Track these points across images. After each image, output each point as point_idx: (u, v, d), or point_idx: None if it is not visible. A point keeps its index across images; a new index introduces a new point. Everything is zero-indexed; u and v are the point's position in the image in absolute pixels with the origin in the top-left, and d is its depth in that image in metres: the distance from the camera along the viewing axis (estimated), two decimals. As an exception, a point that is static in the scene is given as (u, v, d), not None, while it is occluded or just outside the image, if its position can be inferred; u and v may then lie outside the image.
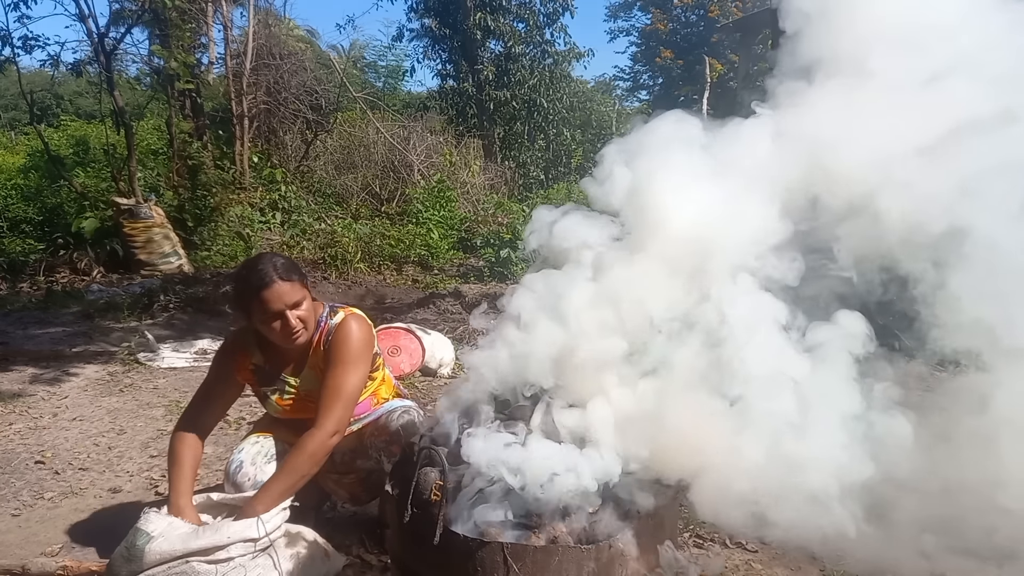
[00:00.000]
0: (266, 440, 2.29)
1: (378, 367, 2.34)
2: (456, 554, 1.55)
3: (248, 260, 2.19)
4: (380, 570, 2.31)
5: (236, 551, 1.91)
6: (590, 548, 1.53)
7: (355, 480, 2.36)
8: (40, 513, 2.78)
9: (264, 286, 2.00)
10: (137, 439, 3.57)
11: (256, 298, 2.01)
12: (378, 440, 2.31)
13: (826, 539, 1.63)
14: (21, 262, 8.09)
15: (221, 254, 8.39)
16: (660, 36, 28.91)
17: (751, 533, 1.79)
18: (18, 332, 5.70)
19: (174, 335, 5.65)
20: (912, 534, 1.69)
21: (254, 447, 2.26)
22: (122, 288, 7.21)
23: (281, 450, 2.25)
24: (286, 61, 11.11)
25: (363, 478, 2.37)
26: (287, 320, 2.04)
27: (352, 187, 11.53)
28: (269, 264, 2.03)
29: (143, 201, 8.21)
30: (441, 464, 1.68)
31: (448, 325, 5.85)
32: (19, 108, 20.10)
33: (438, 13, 14.57)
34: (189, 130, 9.64)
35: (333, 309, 2.23)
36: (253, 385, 2.30)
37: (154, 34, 9.74)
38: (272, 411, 2.30)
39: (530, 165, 14.76)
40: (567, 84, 15.46)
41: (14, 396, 4.16)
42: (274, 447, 2.27)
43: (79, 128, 13.07)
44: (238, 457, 2.23)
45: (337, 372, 2.08)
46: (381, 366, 2.38)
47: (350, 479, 2.37)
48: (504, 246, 8.21)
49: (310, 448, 2.02)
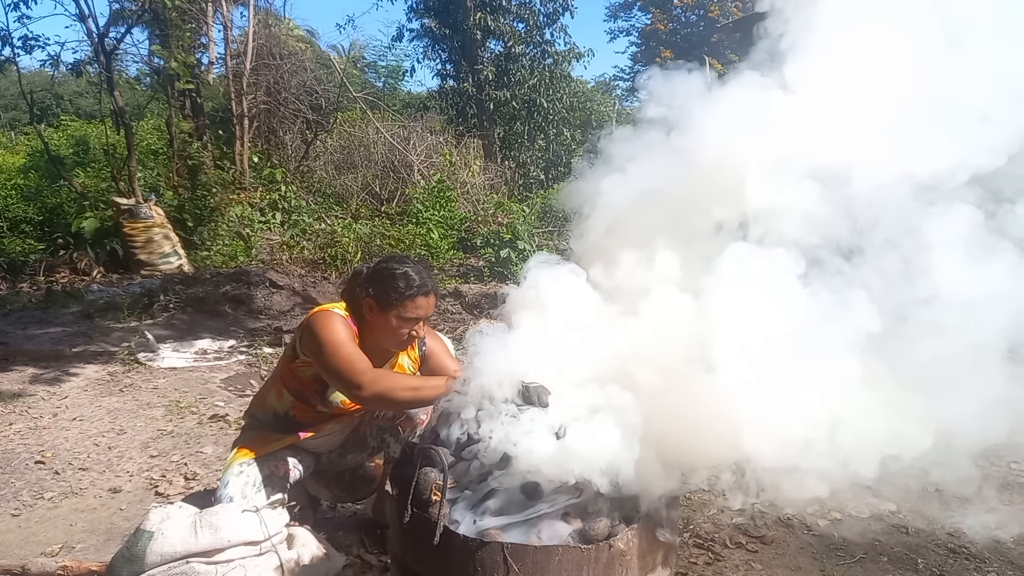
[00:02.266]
0: (249, 467, 2.16)
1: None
2: (456, 554, 1.55)
3: (402, 257, 2.23)
4: (380, 570, 2.32)
5: (236, 552, 1.92)
6: (590, 548, 1.53)
7: (335, 480, 2.44)
8: (40, 513, 2.78)
9: (425, 293, 2.09)
10: (137, 439, 3.57)
11: (412, 300, 2.07)
12: (383, 420, 2.33)
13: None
14: (21, 262, 8.08)
15: (221, 254, 8.39)
16: (660, 36, 28.93)
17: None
18: (18, 332, 5.70)
19: (174, 335, 5.66)
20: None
21: (240, 479, 2.14)
22: (122, 288, 7.21)
23: (267, 474, 2.16)
24: (286, 61, 11.10)
25: (345, 479, 2.44)
26: (418, 330, 2.13)
27: (352, 187, 11.52)
28: (427, 272, 2.14)
29: (143, 201, 8.21)
30: (441, 464, 1.67)
31: (448, 325, 5.86)
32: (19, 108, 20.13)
33: (438, 13, 14.56)
34: (189, 130, 9.63)
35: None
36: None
37: (154, 34, 9.74)
38: (334, 401, 2.23)
39: (530, 165, 14.76)
40: (567, 84, 15.45)
41: (14, 396, 4.16)
42: (259, 473, 2.16)
43: (79, 128, 13.07)
44: (226, 493, 2.10)
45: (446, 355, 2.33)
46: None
47: (330, 478, 2.44)
48: (504, 246, 8.21)
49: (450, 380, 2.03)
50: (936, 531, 2.58)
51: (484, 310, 6.34)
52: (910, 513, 2.72)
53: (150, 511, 2.00)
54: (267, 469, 2.17)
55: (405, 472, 1.76)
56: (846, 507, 2.71)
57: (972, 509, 2.74)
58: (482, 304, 6.50)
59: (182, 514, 1.98)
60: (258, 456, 2.19)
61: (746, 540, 2.53)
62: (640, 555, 1.59)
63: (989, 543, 2.50)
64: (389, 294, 2.07)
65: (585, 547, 1.53)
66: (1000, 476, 2.98)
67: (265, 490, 2.14)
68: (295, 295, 6.94)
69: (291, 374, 2.22)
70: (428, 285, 2.11)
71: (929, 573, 2.34)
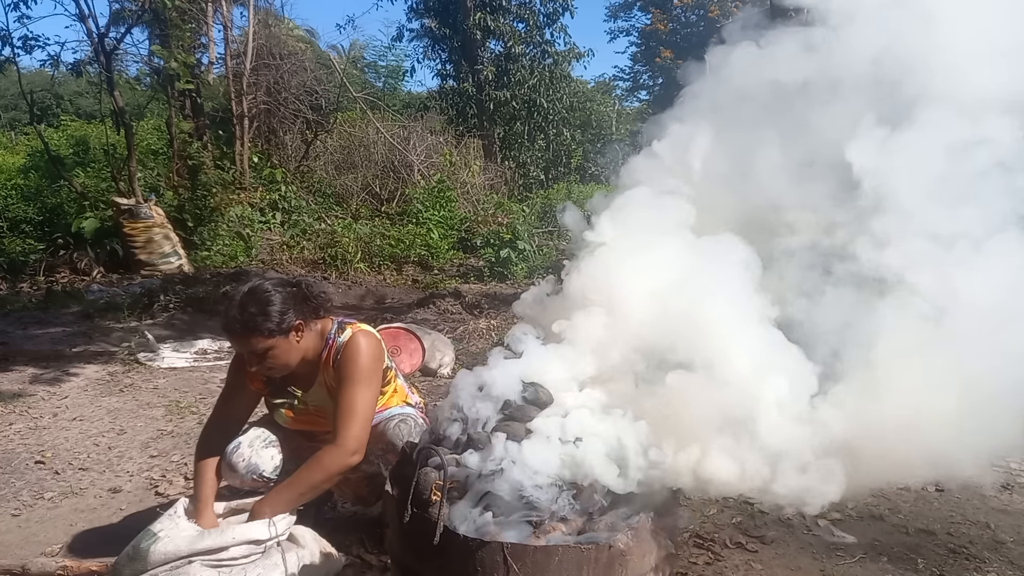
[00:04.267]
0: (262, 430, 2.33)
1: (389, 380, 2.33)
2: (456, 554, 1.55)
3: (243, 286, 2.08)
4: (380, 570, 2.31)
5: (239, 551, 1.93)
6: (590, 548, 1.53)
7: (361, 479, 2.36)
8: (40, 513, 2.78)
9: (226, 331, 2.05)
10: (137, 439, 3.57)
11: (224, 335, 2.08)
12: (376, 447, 2.31)
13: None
14: (21, 262, 8.08)
15: (221, 254, 8.39)
16: (660, 36, 28.93)
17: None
18: (18, 332, 5.70)
19: (174, 335, 5.66)
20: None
21: (254, 431, 2.30)
22: (122, 288, 7.21)
23: (281, 438, 2.30)
24: (286, 61, 11.11)
25: (368, 479, 2.39)
26: (251, 365, 2.08)
27: (352, 187, 11.53)
28: (237, 310, 1.97)
29: (143, 201, 8.21)
30: (441, 464, 1.67)
31: (448, 325, 5.86)
32: (19, 108, 20.12)
33: (438, 13, 14.58)
34: (189, 130, 9.64)
35: (341, 325, 2.18)
36: (264, 395, 2.33)
37: (154, 34, 9.75)
38: (280, 422, 2.33)
39: (530, 165, 14.78)
40: (567, 84, 15.48)
41: (14, 396, 4.16)
42: (274, 436, 2.31)
43: (79, 128, 13.05)
44: (237, 439, 2.26)
45: (348, 391, 2.05)
46: (393, 379, 2.36)
47: (356, 477, 2.37)
48: (504, 246, 8.22)
49: (326, 463, 2.01)
50: (936, 531, 2.58)
51: (484, 310, 6.34)
52: (910, 513, 2.72)
53: (163, 512, 2.05)
54: (281, 435, 2.32)
55: (405, 472, 1.76)
56: (846, 507, 2.71)
57: (971, 509, 2.74)
58: (482, 304, 6.50)
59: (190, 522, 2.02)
60: (277, 424, 2.34)
61: (746, 540, 2.53)
62: (640, 555, 1.59)
63: (989, 543, 2.50)
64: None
65: (585, 547, 1.53)
66: (1000, 476, 2.98)
67: (273, 449, 2.27)
68: (295, 295, 6.93)
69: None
70: (228, 325, 2.00)
71: (929, 573, 2.33)
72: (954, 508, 2.76)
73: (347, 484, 2.40)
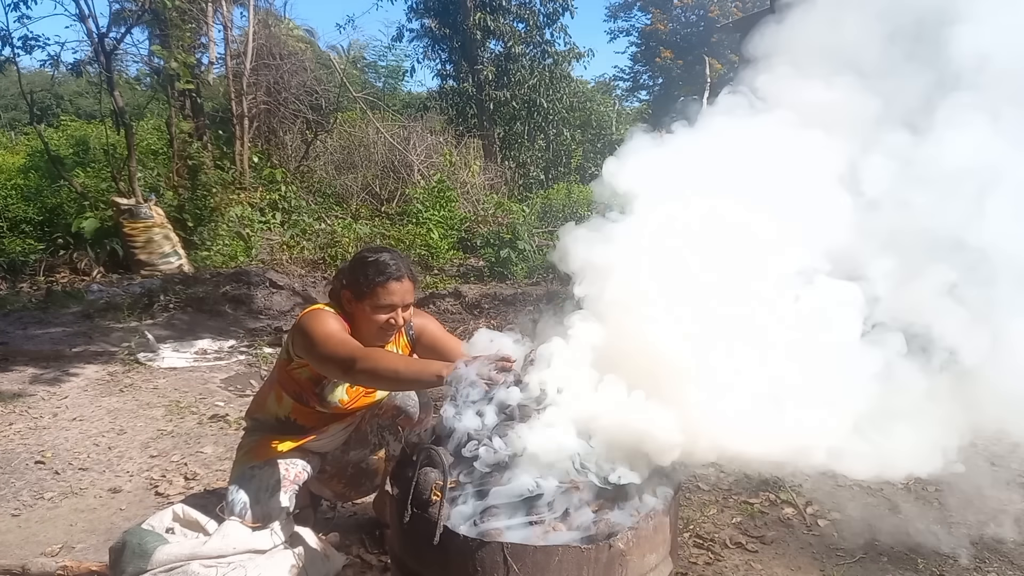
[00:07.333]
0: (260, 471, 2.18)
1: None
2: (456, 554, 1.55)
3: (378, 247, 2.22)
4: (380, 570, 2.31)
5: (239, 555, 1.94)
6: (590, 548, 1.53)
7: (337, 476, 2.40)
8: (40, 513, 2.78)
9: (397, 278, 2.06)
10: (137, 439, 3.57)
11: (383, 286, 2.05)
12: (383, 419, 2.32)
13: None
14: (21, 262, 8.07)
15: (221, 254, 8.38)
16: (660, 36, 28.95)
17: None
18: (18, 332, 5.70)
19: (174, 335, 5.66)
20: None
21: (252, 484, 2.15)
22: (122, 288, 7.20)
23: (279, 478, 2.17)
24: (286, 61, 11.10)
25: (348, 474, 2.41)
26: (396, 317, 2.09)
27: (352, 187, 11.52)
28: (401, 259, 2.11)
29: (143, 201, 8.20)
30: (441, 464, 1.67)
31: (448, 325, 5.85)
32: (19, 108, 20.12)
33: (438, 13, 14.57)
34: (189, 130, 9.62)
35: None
36: (312, 394, 2.21)
37: (154, 34, 9.73)
38: (332, 401, 2.21)
39: (530, 165, 14.77)
40: (567, 84, 15.47)
41: (14, 396, 4.16)
42: (271, 477, 2.17)
43: (79, 128, 13.04)
44: (239, 498, 2.11)
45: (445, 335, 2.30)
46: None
47: (333, 474, 2.41)
48: (504, 246, 8.21)
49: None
50: (936, 531, 2.58)
51: (484, 310, 6.34)
52: (910, 513, 2.72)
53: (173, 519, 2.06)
54: (279, 472, 2.18)
55: (405, 472, 1.76)
56: (846, 507, 2.71)
57: (972, 509, 2.74)
58: (482, 304, 6.50)
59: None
60: (268, 460, 2.20)
61: (746, 540, 2.53)
62: (640, 555, 1.59)
63: (989, 543, 2.50)
64: (360, 282, 2.07)
65: (585, 547, 1.53)
66: (1001, 476, 2.98)
67: (278, 495, 2.14)
68: (295, 295, 6.95)
69: (288, 377, 2.22)
70: (401, 270, 2.08)
71: (929, 573, 2.33)
72: (953, 508, 2.76)
73: (325, 483, 2.42)
